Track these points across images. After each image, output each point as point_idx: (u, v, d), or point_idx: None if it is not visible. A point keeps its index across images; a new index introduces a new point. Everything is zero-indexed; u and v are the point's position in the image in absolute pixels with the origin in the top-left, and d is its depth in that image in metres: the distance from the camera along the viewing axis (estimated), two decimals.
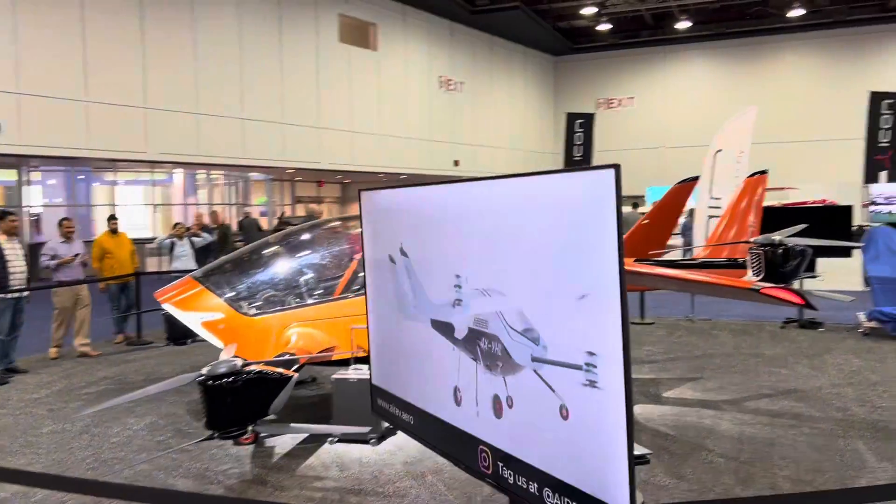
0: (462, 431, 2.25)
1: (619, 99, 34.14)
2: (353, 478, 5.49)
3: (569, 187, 1.87)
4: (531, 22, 30.14)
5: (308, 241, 7.65)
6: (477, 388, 2.37)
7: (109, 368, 9.42)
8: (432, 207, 2.50)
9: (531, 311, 2.05)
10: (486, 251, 2.25)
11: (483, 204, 2.26)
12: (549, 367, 2.05)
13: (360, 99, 25.04)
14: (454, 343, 2.47)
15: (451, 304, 2.46)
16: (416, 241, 2.59)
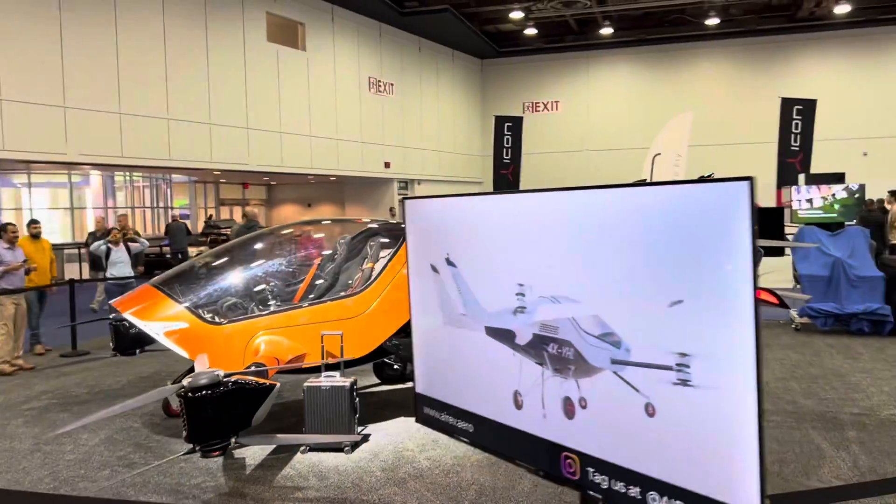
0: (540, 438, 2.25)
1: (545, 102, 34.73)
2: (333, 487, 5.41)
3: (685, 199, 1.91)
4: (459, 25, 30.33)
5: (272, 247, 7.48)
6: (543, 391, 2.38)
7: (47, 382, 8.96)
8: (489, 217, 2.49)
9: (612, 316, 2.07)
10: (558, 260, 2.27)
11: (559, 214, 2.27)
12: (633, 369, 2.08)
13: (289, 99, 24.65)
14: (514, 349, 2.47)
15: (511, 311, 2.46)
16: (466, 251, 2.57)
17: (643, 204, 2.09)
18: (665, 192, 2.05)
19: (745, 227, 1.74)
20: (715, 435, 1.87)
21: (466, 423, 2.47)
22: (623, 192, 2.17)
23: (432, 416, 2.63)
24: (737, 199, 1.75)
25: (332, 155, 26.58)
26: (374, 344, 6.60)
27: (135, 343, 7.65)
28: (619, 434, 2.05)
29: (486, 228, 2.45)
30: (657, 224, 2.04)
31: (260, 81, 23.53)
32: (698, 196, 1.89)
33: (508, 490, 5.27)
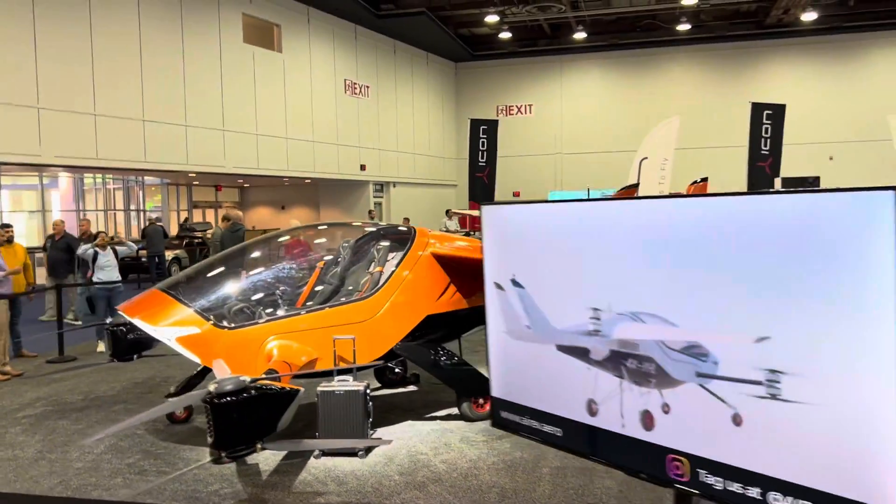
0: (642, 441, 2.29)
1: (518, 106, 34.94)
2: (353, 491, 5.40)
3: (798, 210, 1.94)
4: (434, 28, 30.38)
5: (280, 250, 7.44)
6: (622, 400, 2.43)
7: (39, 389, 8.78)
8: (566, 229, 2.52)
9: (700, 335, 2.13)
10: (640, 276, 2.31)
11: (643, 226, 2.31)
12: (719, 382, 2.14)
13: (265, 101, 24.47)
14: (588, 363, 2.51)
15: (585, 332, 2.50)
16: (538, 268, 2.59)
17: (742, 216, 2.13)
18: (769, 203, 2.09)
19: (888, 242, 1.73)
20: (843, 438, 1.93)
21: (554, 426, 2.50)
22: (719, 202, 2.21)
23: (512, 419, 2.66)
24: (876, 211, 1.77)
25: (309, 157, 26.45)
26: (386, 347, 6.61)
27: (132, 349, 7.59)
28: (732, 434, 2.10)
29: (562, 241, 2.48)
30: (759, 238, 2.07)
31: (236, 83, 23.32)
32: (820, 207, 1.92)
33: (529, 493, 5.32)
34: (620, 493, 5.26)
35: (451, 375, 6.96)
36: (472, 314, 7.41)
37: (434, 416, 7.19)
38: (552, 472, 5.68)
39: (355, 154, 28.80)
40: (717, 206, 2.17)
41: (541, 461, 5.92)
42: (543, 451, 6.12)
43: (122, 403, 7.98)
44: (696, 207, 2.25)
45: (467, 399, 6.96)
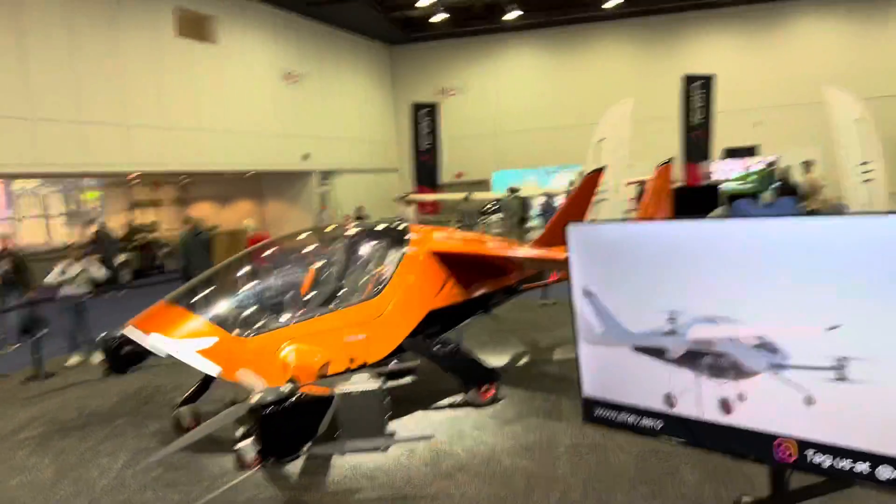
0: (745, 429, 2.61)
1: (457, 87, 35.12)
2: (387, 486, 5.64)
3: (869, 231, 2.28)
4: (368, 12, 30.25)
5: (287, 255, 7.54)
6: (699, 392, 2.74)
7: (28, 408, 8.68)
8: (645, 246, 2.80)
9: (771, 332, 2.47)
10: (715, 286, 2.62)
11: (720, 244, 2.62)
12: (792, 371, 2.49)
13: (205, 95, 24.03)
14: (666, 361, 2.82)
15: (661, 333, 2.80)
16: (616, 280, 2.88)
17: (816, 235, 2.46)
18: (842, 226, 2.42)
19: None
20: None
21: (653, 420, 2.80)
22: (787, 223, 2.54)
23: (606, 416, 2.94)
24: None
25: (251, 150, 26.12)
26: (395, 344, 6.84)
27: (129, 362, 7.61)
28: (806, 413, 2.45)
29: (640, 257, 2.77)
30: (830, 255, 2.41)
31: (174, 78, 22.84)
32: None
33: (552, 472, 5.65)
34: (636, 466, 5.64)
35: (456, 366, 7.23)
36: (469, 306, 7.71)
37: (440, 406, 7.45)
38: (568, 451, 6.04)
39: (298, 144, 28.56)
40: (801, 229, 2.51)
41: (554, 441, 6.27)
42: (554, 432, 6.48)
43: (123, 417, 7.98)
44: (776, 230, 2.57)
45: (473, 387, 7.25)
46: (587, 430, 6.44)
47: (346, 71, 32.41)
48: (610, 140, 12.90)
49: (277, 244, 7.86)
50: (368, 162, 33.52)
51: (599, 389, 2.97)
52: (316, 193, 29.92)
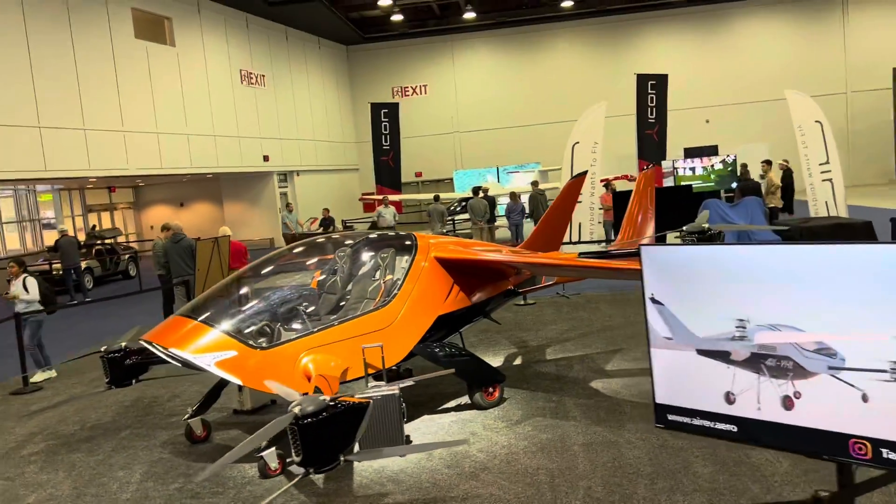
0: (820, 430, 2.89)
1: (414, 87, 35.31)
2: (414, 489, 5.82)
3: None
4: (324, 12, 30.22)
5: (299, 265, 7.63)
6: (759, 391, 3.03)
7: (25, 424, 8.58)
8: (710, 267, 3.08)
9: (835, 339, 2.77)
10: (784, 299, 2.92)
11: (783, 265, 2.91)
12: (847, 373, 2.80)
13: (163, 98, 23.75)
14: (728, 363, 3.10)
15: (727, 338, 3.08)
16: (675, 293, 3.15)
17: (880, 261, 2.78)
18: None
19: None
20: None
21: (728, 424, 3.06)
22: (856, 250, 2.84)
23: (680, 421, 3.19)
24: None
25: (211, 152, 25.91)
26: (407, 350, 7.02)
27: (130, 374, 7.65)
28: (862, 409, 2.76)
29: (708, 273, 3.05)
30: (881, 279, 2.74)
31: (132, 81, 22.54)
32: None
33: (572, 470, 5.92)
34: (651, 461, 5.94)
35: (463, 369, 7.44)
36: (472, 311, 7.93)
37: (446, 409, 7.66)
38: (583, 449, 6.31)
39: (257, 145, 28.41)
40: (867, 255, 2.83)
41: (566, 440, 6.53)
42: (565, 431, 6.75)
43: (127, 429, 7.98)
44: (846, 255, 2.87)
45: (479, 389, 7.48)
46: (596, 428, 6.75)
47: (304, 72, 32.30)
48: (584, 144, 13.26)
49: (288, 255, 7.95)
50: (329, 162, 33.49)
51: (671, 396, 3.22)
52: (279, 193, 29.77)
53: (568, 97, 33.89)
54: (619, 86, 31.65)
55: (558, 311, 12.15)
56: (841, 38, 33.23)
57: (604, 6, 33.54)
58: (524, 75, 34.70)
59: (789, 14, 33.59)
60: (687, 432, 3.24)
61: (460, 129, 35.02)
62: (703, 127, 32.90)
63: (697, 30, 34.01)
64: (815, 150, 12.96)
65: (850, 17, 33.20)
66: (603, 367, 8.72)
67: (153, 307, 15.83)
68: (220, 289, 7.24)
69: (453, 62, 35.24)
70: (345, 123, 35.58)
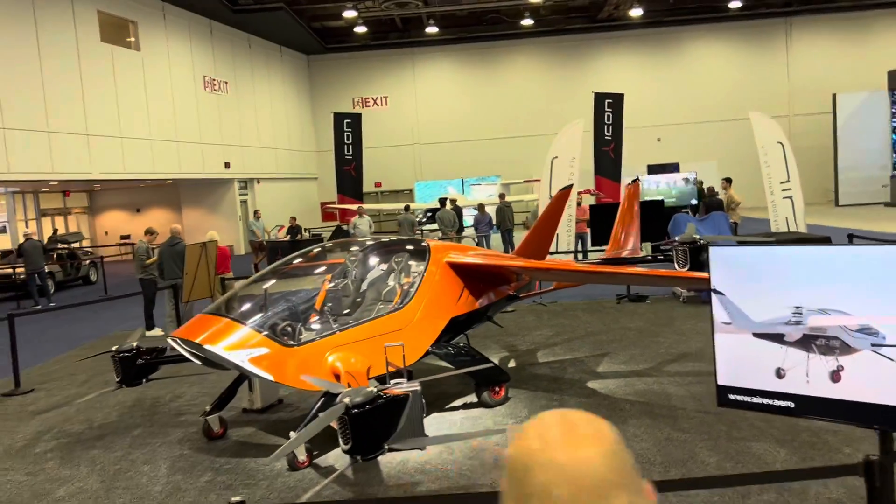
0: (870, 403, 3.38)
1: (374, 98, 35.62)
2: (443, 478, 6.15)
3: None
4: (287, 21, 30.34)
5: (321, 267, 7.89)
6: (808, 366, 3.53)
7: (27, 423, 8.60)
8: (775, 264, 3.58)
9: (877, 321, 3.28)
10: (833, 289, 3.43)
11: (834, 265, 3.43)
12: (888, 348, 3.32)
13: (128, 102, 23.55)
14: (781, 343, 3.59)
15: (782, 322, 3.57)
16: (737, 285, 3.65)
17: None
18: None
19: None
20: None
21: (785, 401, 3.53)
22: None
23: (742, 400, 3.65)
24: None
25: (173, 158, 25.76)
26: (424, 349, 7.37)
27: (141, 374, 7.83)
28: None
29: (770, 269, 3.55)
30: None
31: (96, 85, 22.32)
32: None
33: None
34: (660, 452, 6.41)
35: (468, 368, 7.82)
36: (478, 314, 8.33)
37: (454, 407, 8.02)
38: None
39: (219, 152, 28.29)
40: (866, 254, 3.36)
41: None
42: None
43: (137, 428, 8.10)
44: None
45: (487, 388, 7.87)
46: None
47: (266, 80, 32.32)
48: (562, 158, 13.83)
49: (310, 257, 8.21)
50: (289, 170, 33.50)
51: (731, 377, 3.69)
52: (239, 200, 29.65)
53: (527, 113, 34.74)
54: (575, 103, 32.57)
55: (539, 318, 12.62)
56: (785, 64, 34.91)
57: (562, 26, 34.54)
58: (484, 90, 35.40)
59: (737, 39, 35.14)
60: (747, 410, 3.69)
61: (420, 141, 35.46)
62: (654, 145, 34.06)
63: (650, 51, 35.27)
64: (776, 168, 13.80)
65: (793, 44, 34.93)
66: (595, 370, 9.20)
67: (124, 312, 15.80)
68: (244, 288, 7.47)
69: (414, 75, 35.70)
70: (305, 132, 35.64)
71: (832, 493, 5.34)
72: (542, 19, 33.65)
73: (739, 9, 32.48)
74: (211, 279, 12.54)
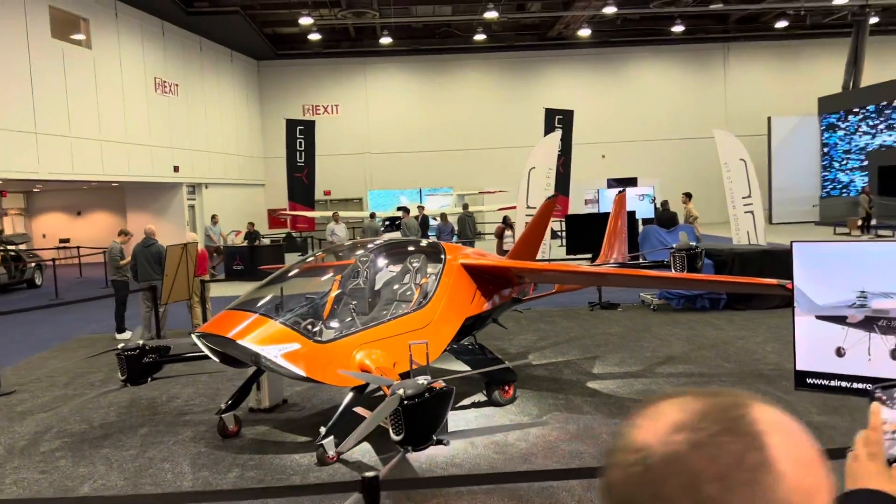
0: None
1: (325, 106, 35.49)
2: (476, 471, 6.31)
3: None
4: (240, 25, 30.02)
5: (342, 264, 7.94)
6: (869, 345, 3.90)
7: (21, 423, 8.33)
8: (848, 257, 3.94)
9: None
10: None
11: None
12: None
13: (78, 101, 22.83)
14: (842, 324, 3.96)
15: (845, 305, 3.93)
16: (808, 274, 4.00)
17: None
18: None
19: None
20: None
21: (861, 383, 3.86)
22: None
23: (819, 383, 3.96)
24: None
25: (123, 160, 25.08)
26: (443, 347, 7.53)
27: (146, 372, 7.76)
28: None
29: (842, 261, 3.91)
30: None
31: (46, 82, 21.58)
32: None
33: None
34: None
35: (485, 366, 8.01)
36: (487, 315, 8.54)
37: (463, 406, 8.18)
38: (612, 436, 7.02)
39: (168, 155, 27.70)
40: None
41: (593, 430, 7.22)
42: (588, 423, 7.44)
43: (142, 427, 7.96)
44: None
45: (498, 387, 8.07)
46: (613, 420, 7.49)
47: (216, 84, 31.84)
48: (539, 169, 14.20)
49: (332, 255, 8.26)
50: (238, 175, 33.00)
51: (810, 360, 4.02)
52: (187, 204, 29.04)
53: (478, 126, 35.24)
54: (525, 118, 33.25)
55: (519, 324, 12.89)
56: (723, 86, 36.46)
57: (513, 42, 35.21)
58: (435, 102, 35.71)
59: (679, 62, 36.52)
60: (825, 392, 4.01)
61: (371, 150, 35.48)
62: (598, 161, 34.93)
63: (598, 70, 36.28)
64: (738, 184, 14.52)
65: (731, 69, 36.53)
66: (590, 371, 9.51)
67: (83, 315, 15.39)
68: (271, 284, 7.48)
69: (366, 84, 35.74)
70: (253, 138, 35.19)
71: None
72: (494, 35, 34.21)
73: (682, 33, 33.76)
74: (190, 281, 12.36)
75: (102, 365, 10.91)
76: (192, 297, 12.69)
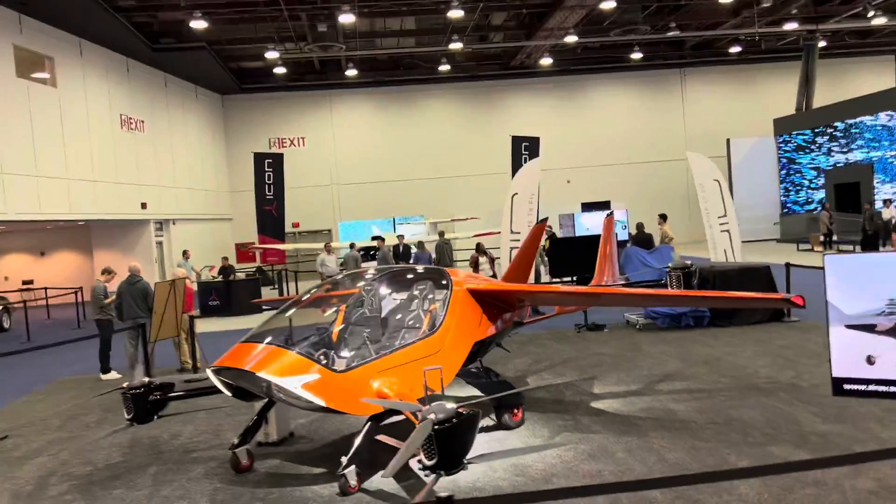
0: None
1: (291, 138, 35.49)
2: (497, 496, 6.35)
3: None
4: (205, 61, 29.97)
5: (350, 293, 7.96)
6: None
7: (21, 468, 8.13)
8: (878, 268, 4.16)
9: None
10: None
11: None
12: None
13: (44, 140, 22.52)
14: (870, 332, 4.16)
15: (873, 314, 4.13)
16: (836, 285, 4.21)
17: None
18: None
19: None
20: None
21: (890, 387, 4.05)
22: None
23: (856, 389, 4.14)
24: None
25: (90, 198, 24.73)
26: (454, 372, 7.59)
27: (152, 411, 7.69)
28: None
29: (872, 272, 4.12)
30: None
31: (12, 121, 21.27)
32: None
33: (632, 470, 6.71)
34: (693, 460, 6.87)
35: (493, 392, 8.08)
36: (492, 339, 8.63)
37: None
38: (628, 455, 7.12)
39: (135, 192, 27.38)
40: None
41: (607, 449, 7.32)
42: (601, 443, 7.53)
43: (151, 466, 7.83)
44: None
45: (507, 411, 8.13)
46: (625, 438, 7.60)
47: (182, 119, 31.68)
48: (521, 195, 14.43)
49: (342, 285, 8.28)
50: (205, 210, 32.73)
51: (846, 367, 4.20)
52: (154, 241, 28.66)
53: (445, 154, 35.59)
54: (490, 146, 33.68)
55: (510, 347, 12.96)
56: (681, 110, 37.43)
57: (476, 72, 35.74)
58: (402, 132, 35.97)
59: (639, 87, 37.43)
60: (863, 398, 4.20)
61: (339, 181, 35.52)
62: (564, 187, 35.46)
63: (560, 97, 36.97)
64: (714, 204, 14.93)
65: (688, 93, 37.55)
66: (591, 391, 9.64)
67: (62, 357, 15.08)
68: (284, 315, 7.47)
69: (332, 116, 35.86)
70: (219, 172, 34.97)
71: (864, 484, 5.92)
72: (458, 65, 34.68)
73: (640, 59, 34.66)
74: (178, 317, 12.23)
75: (94, 406, 10.73)
76: (181, 334, 12.53)
